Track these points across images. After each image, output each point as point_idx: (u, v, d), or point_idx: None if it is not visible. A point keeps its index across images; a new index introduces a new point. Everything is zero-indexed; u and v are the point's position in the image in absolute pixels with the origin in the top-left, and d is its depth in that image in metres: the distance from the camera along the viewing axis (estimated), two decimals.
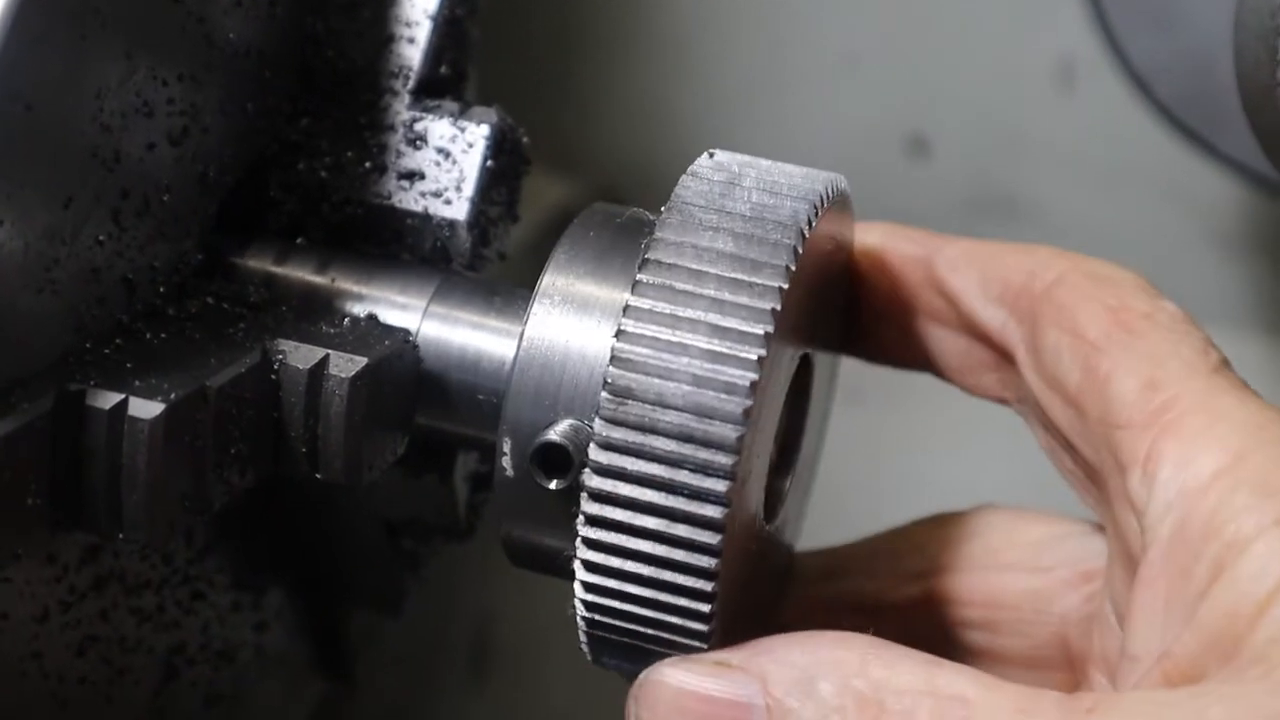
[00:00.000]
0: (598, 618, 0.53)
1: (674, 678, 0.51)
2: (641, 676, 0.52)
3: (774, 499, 0.58)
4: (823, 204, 0.53)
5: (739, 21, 1.04)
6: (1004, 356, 0.59)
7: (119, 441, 0.49)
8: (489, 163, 0.59)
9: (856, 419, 0.87)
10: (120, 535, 0.50)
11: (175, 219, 0.55)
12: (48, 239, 0.49)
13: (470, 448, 0.60)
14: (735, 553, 0.52)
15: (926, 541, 0.63)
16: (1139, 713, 0.46)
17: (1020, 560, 0.61)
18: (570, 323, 0.53)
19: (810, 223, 0.52)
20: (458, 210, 0.59)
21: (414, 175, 0.59)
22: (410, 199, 0.59)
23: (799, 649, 0.50)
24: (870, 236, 0.61)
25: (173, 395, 0.49)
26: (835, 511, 0.75)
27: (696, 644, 0.52)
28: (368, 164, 0.59)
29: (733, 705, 0.50)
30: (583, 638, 0.54)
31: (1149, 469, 0.51)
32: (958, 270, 0.59)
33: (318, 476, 0.55)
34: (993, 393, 0.61)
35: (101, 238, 0.51)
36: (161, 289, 0.55)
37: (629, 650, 0.53)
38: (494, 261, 0.61)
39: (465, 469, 0.63)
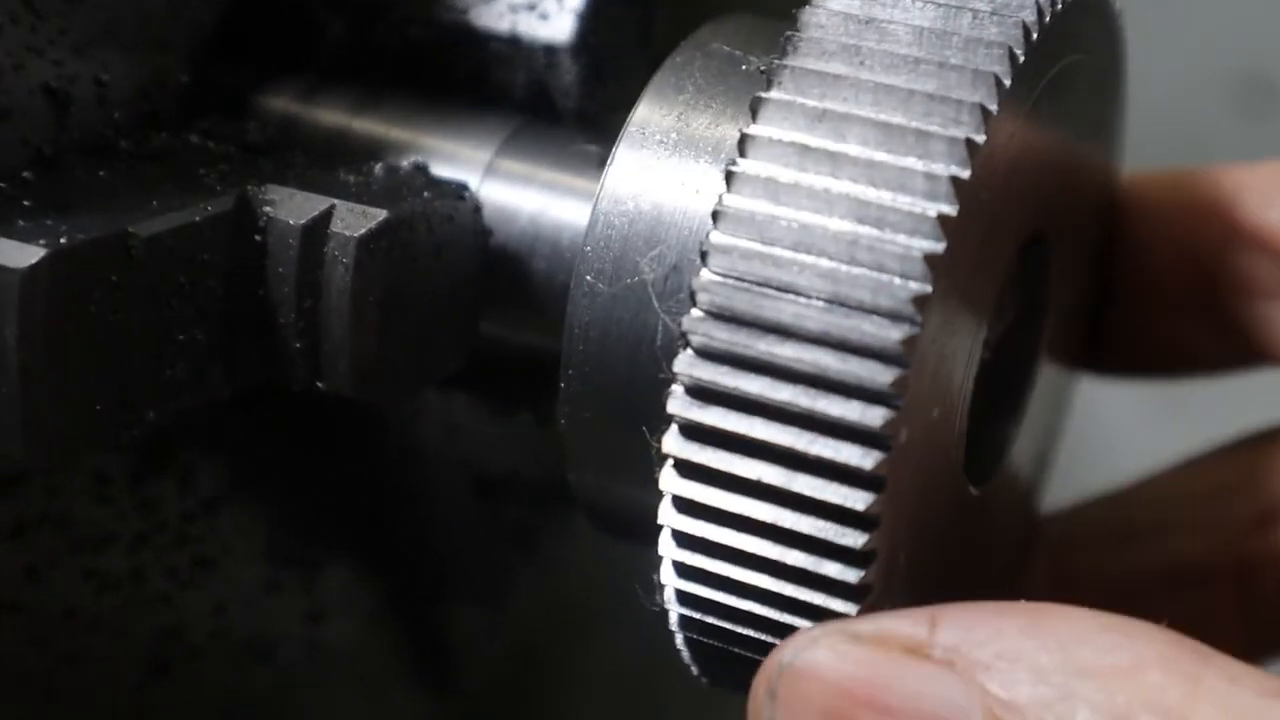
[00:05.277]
0: (697, 616, 0.35)
1: (833, 664, 0.33)
2: (780, 658, 0.34)
3: (986, 451, 0.39)
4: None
5: None
6: None
7: None
8: None
9: (1174, 431, 0.71)
10: None
11: (138, 20, 0.39)
12: None
13: None
14: (909, 523, 0.33)
15: (1258, 468, 0.47)
16: None
17: None
18: (667, 171, 0.35)
19: (1044, 17, 0.34)
20: (558, 29, 0.42)
21: None
22: (493, 15, 0.43)
23: (1041, 639, 0.31)
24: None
25: (63, 240, 0.33)
26: None
27: None
28: None
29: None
30: (682, 648, 0.36)
31: None
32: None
33: (319, 386, 0.38)
34: None
35: None
36: (115, 114, 0.39)
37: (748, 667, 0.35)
38: (619, 110, 0.44)
39: None
